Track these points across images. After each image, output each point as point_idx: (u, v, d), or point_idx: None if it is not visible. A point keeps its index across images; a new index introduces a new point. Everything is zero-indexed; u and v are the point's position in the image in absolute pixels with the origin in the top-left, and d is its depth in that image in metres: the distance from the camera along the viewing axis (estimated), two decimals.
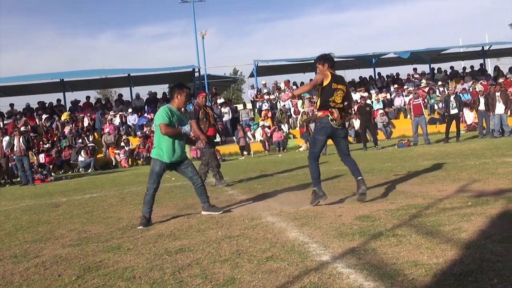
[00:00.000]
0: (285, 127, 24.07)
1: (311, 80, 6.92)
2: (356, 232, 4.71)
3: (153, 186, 6.43)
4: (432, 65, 30.32)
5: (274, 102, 26.25)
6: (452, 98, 16.92)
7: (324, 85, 6.48)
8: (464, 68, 29.70)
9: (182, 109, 6.76)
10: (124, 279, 3.90)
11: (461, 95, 21.37)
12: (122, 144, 22.46)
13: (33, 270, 4.50)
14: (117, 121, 24.87)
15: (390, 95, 26.19)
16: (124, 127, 24.50)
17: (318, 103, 6.64)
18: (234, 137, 23.77)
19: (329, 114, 6.50)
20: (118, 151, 22.31)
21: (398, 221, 5.06)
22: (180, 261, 4.27)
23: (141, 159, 21.84)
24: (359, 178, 6.60)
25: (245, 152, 22.43)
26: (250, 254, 4.29)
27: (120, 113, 25.61)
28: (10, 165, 18.42)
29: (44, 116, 25.28)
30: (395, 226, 4.80)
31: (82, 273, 4.19)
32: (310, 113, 21.22)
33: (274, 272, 3.70)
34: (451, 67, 29.59)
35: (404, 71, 30.25)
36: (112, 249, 5.02)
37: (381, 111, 23.20)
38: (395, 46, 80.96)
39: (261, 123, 23.66)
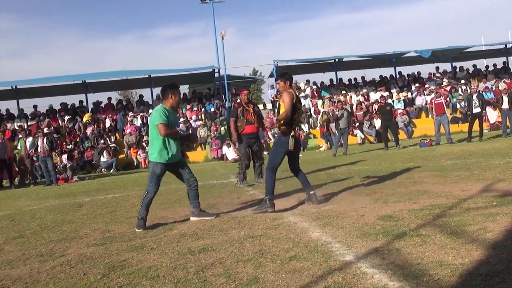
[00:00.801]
0: (305, 127, 23.99)
1: (280, 101, 7.04)
2: (380, 232, 4.68)
3: (154, 189, 6.32)
4: (454, 64, 29.94)
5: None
6: (474, 96, 16.71)
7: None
8: (487, 67, 29.28)
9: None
10: (148, 278, 3.94)
11: (483, 93, 21.05)
12: (143, 144, 22.63)
13: (59, 268, 4.57)
14: (138, 121, 25.08)
15: (411, 94, 25.94)
16: (145, 127, 24.67)
17: (282, 119, 6.76)
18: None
19: (293, 132, 6.79)
20: (139, 151, 22.49)
21: (421, 221, 5.01)
22: (203, 261, 4.29)
23: None
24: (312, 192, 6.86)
25: (265, 152, 22.41)
26: (273, 253, 4.29)
27: (141, 113, 25.80)
28: (34, 165, 18.72)
29: (66, 117, 25.60)
30: (419, 226, 4.76)
31: (107, 272, 4.24)
32: (330, 113, 21.12)
33: (297, 271, 3.70)
34: (474, 65, 29.18)
35: (425, 70, 29.84)
36: (136, 249, 5.07)
37: (400, 110, 22.99)
38: (416, 45, 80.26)
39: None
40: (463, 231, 4.42)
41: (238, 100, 10.72)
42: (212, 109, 25.76)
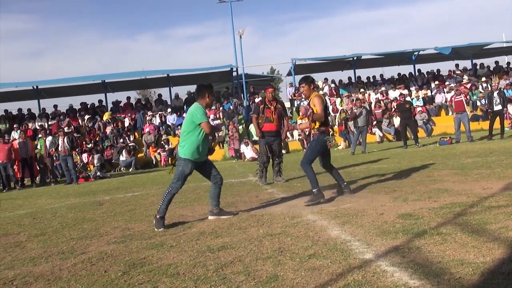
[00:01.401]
0: None
1: (308, 105, 7.24)
2: (399, 230, 4.65)
3: (179, 187, 6.36)
4: (474, 61, 29.59)
5: None
6: (495, 94, 16.47)
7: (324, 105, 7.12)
8: (508, 63, 28.86)
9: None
10: (169, 276, 3.97)
11: (505, 90, 20.76)
12: (162, 143, 22.77)
13: (80, 266, 4.63)
14: (157, 121, 25.24)
15: (431, 92, 25.68)
16: (163, 126, 24.84)
17: (318, 122, 7.13)
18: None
19: (330, 131, 7.27)
20: (158, 150, 22.64)
21: (442, 219, 4.97)
22: (222, 258, 4.31)
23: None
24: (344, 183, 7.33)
25: (283, 151, 22.40)
26: (292, 251, 4.29)
27: (160, 112, 25.97)
28: (54, 164, 18.96)
29: (86, 117, 25.88)
30: (439, 225, 4.72)
31: (127, 269, 4.29)
32: (349, 111, 21.01)
33: (317, 269, 3.70)
34: (496, 62, 28.76)
35: (445, 67, 29.39)
36: (156, 246, 5.11)
37: (419, 108, 22.77)
38: (435, 42, 79.35)
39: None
40: (484, 230, 4.37)
41: (259, 98, 10.79)
42: (230, 108, 25.80)
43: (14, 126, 24.31)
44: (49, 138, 18.21)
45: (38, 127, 24.25)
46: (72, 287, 3.96)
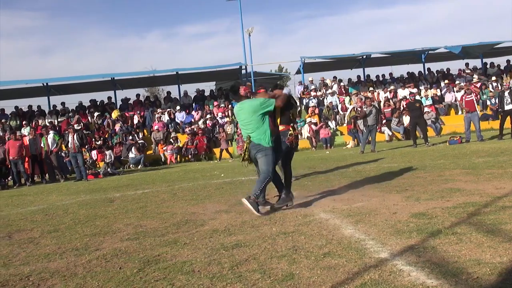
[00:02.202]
0: (332, 124, 23.87)
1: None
2: (413, 229, 4.65)
3: (274, 172, 6.58)
4: (484, 60, 29.43)
5: (321, 99, 26.09)
6: (506, 93, 16.37)
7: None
8: None
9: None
10: (184, 273, 3.99)
11: None
12: (171, 140, 22.82)
13: (95, 262, 4.66)
14: (165, 118, 25.30)
15: (441, 91, 25.57)
16: (172, 124, 24.89)
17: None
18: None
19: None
20: (166, 148, 22.69)
21: (456, 219, 4.96)
22: (237, 256, 4.33)
23: (190, 156, 22.14)
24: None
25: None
26: (306, 250, 4.30)
27: (169, 110, 26.04)
28: (64, 161, 19.05)
29: (96, 114, 25.98)
30: (453, 224, 4.72)
31: (142, 266, 4.31)
32: (358, 109, 20.96)
33: (332, 268, 3.70)
34: (507, 61, 28.56)
35: (455, 66, 29.22)
36: (169, 244, 5.13)
37: (426, 108, 22.66)
38: (445, 41, 78.90)
39: (308, 119, 23.54)
40: (499, 230, 4.36)
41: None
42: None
43: (24, 122, 24.47)
44: (50, 135, 18.21)
45: (48, 124, 24.37)
46: (88, 284, 3.99)
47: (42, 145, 17.91)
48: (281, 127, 7.28)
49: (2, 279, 4.37)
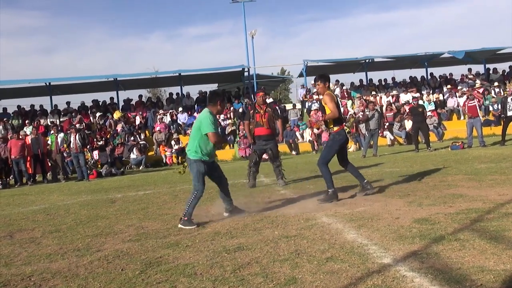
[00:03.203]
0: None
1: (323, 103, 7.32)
2: (416, 235, 4.64)
3: (203, 189, 6.41)
4: (487, 65, 29.40)
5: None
6: (509, 99, 16.32)
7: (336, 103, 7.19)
8: None
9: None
10: (186, 275, 3.98)
11: None
12: (173, 142, 22.82)
13: (96, 263, 4.65)
14: (167, 119, 25.31)
15: (443, 96, 25.57)
16: (174, 125, 24.90)
17: (332, 120, 7.28)
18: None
19: (344, 128, 7.38)
20: (167, 149, 22.70)
21: (459, 225, 4.95)
22: (239, 259, 4.32)
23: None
24: (365, 181, 7.31)
25: (293, 152, 22.44)
26: (309, 254, 4.29)
27: (171, 111, 26.05)
28: (66, 161, 19.06)
29: (98, 114, 25.99)
30: (456, 230, 4.70)
31: (144, 268, 4.30)
32: (360, 114, 20.96)
33: (335, 273, 3.69)
34: (510, 67, 28.50)
35: (457, 71, 29.27)
36: (171, 246, 5.12)
37: (429, 113, 22.62)
38: (448, 46, 78.86)
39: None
40: (503, 237, 4.34)
41: (270, 99, 10.70)
42: (241, 109, 25.81)
43: (26, 122, 24.48)
44: (61, 134, 18.29)
45: (50, 124, 24.38)
46: (90, 285, 3.98)
47: (49, 143, 17.94)
48: (335, 128, 7.34)
49: (3, 279, 4.36)
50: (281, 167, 10.15)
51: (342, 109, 7.25)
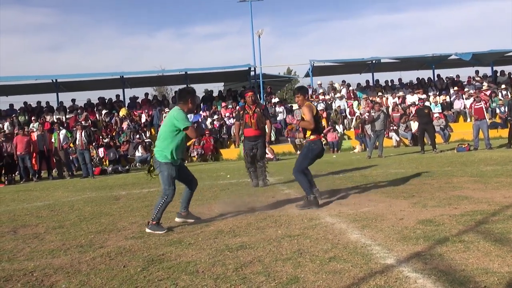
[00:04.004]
0: (339, 128, 23.82)
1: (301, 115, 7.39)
2: (420, 236, 4.61)
3: (173, 193, 6.05)
4: (494, 68, 29.27)
5: (329, 103, 26.05)
6: None
7: (314, 114, 7.22)
8: None
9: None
10: (188, 273, 3.97)
11: None
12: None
13: (99, 260, 4.65)
14: None
15: (450, 98, 25.47)
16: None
17: (309, 131, 7.31)
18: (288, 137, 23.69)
19: (322, 139, 7.53)
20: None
21: (463, 227, 4.91)
22: (241, 258, 4.30)
23: (196, 156, 22.15)
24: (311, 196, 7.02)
25: (298, 152, 22.39)
26: (311, 253, 4.27)
27: None
28: (71, 158, 19.11)
29: (104, 111, 26.05)
30: (461, 232, 4.67)
31: (146, 265, 4.29)
32: (366, 114, 20.90)
33: (338, 273, 3.67)
34: None
35: (464, 73, 29.07)
36: (174, 243, 5.12)
37: (436, 114, 22.53)
38: (455, 48, 78.52)
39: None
40: (508, 239, 4.31)
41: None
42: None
43: (33, 118, 24.55)
44: (63, 131, 18.27)
45: (55, 120, 24.46)
46: (92, 281, 3.97)
47: (53, 140, 17.98)
48: (312, 137, 7.36)
49: (6, 273, 4.37)
50: (264, 168, 10.10)
51: (323, 121, 7.23)
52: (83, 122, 20.72)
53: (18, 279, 4.18)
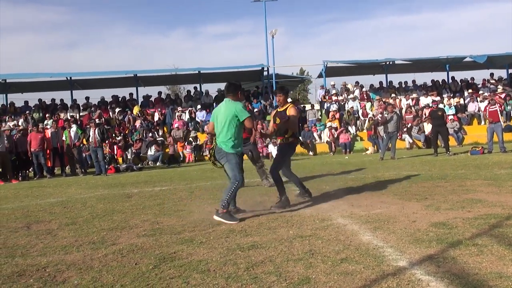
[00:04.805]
0: (352, 129, 23.75)
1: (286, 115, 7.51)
2: (433, 239, 4.57)
3: (243, 177, 6.68)
4: (510, 70, 28.99)
5: (342, 103, 25.97)
6: None
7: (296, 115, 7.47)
8: None
9: None
10: (199, 272, 3.97)
11: None
12: (190, 139, 22.90)
13: (111, 257, 4.67)
14: (186, 116, 25.41)
15: (464, 100, 25.27)
16: (192, 123, 24.97)
17: (290, 132, 7.50)
18: (300, 137, 23.66)
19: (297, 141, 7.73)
20: (186, 146, 22.79)
21: (477, 230, 4.87)
22: (253, 257, 4.30)
23: (208, 155, 22.18)
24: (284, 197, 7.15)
25: (310, 152, 22.35)
26: (323, 254, 4.25)
27: (190, 109, 26.14)
28: (84, 155, 19.24)
29: (117, 110, 26.20)
30: (474, 235, 4.63)
31: (158, 263, 4.30)
32: (379, 116, 20.80)
33: (349, 274, 3.65)
34: None
35: (479, 76, 28.84)
36: (185, 242, 5.12)
37: (451, 116, 22.37)
38: (470, 50, 77.97)
39: (328, 124, 23.45)
40: None
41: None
42: (259, 108, 25.79)
43: (47, 115, 24.77)
44: (73, 128, 18.38)
45: (69, 118, 24.65)
46: (104, 278, 3.99)
47: (64, 138, 18.11)
48: (290, 139, 7.52)
49: (19, 269, 4.41)
50: (264, 168, 10.11)
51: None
52: (96, 120, 20.84)
53: (31, 275, 4.21)
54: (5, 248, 5.37)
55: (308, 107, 27.32)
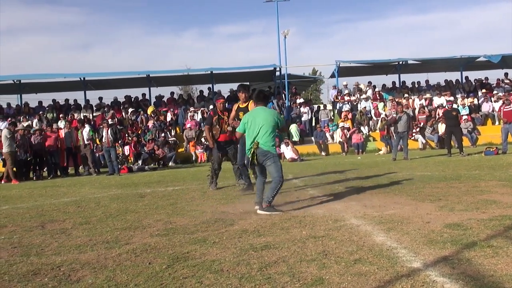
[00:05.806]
0: (365, 129, 23.65)
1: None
2: (447, 240, 4.54)
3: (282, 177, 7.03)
4: None
5: (354, 104, 25.88)
6: None
7: None
8: None
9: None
10: (213, 272, 3.98)
11: None
12: (202, 140, 22.95)
13: (124, 256, 4.69)
14: (198, 116, 25.46)
15: (478, 100, 25.06)
16: (205, 123, 25.00)
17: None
18: (312, 137, 23.64)
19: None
20: (197, 146, 22.84)
21: (492, 231, 4.83)
22: (266, 258, 4.29)
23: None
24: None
25: (322, 153, 22.31)
26: (337, 255, 4.24)
27: (202, 108, 26.19)
28: (97, 155, 19.38)
29: (130, 110, 26.32)
30: (489, 237, 4.59)
31: (171, 263, 4.31)
32: (389, 116, 20.70)
33: (363, 275, 3.64)
34: None
35: (493, 75, 28.58)
36: (198, 241, 5.13)
37: (465, 116, 22.18)
38: (484, 49, 77.33)
39: (340, 124, 23.38)
40: None
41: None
42: (271, 107, 25.75)
43: (61, 116, 24.96)
44: (86, 129, 18.50)
45: (82, 118, 24.81)
46: (118, 277, 4.01)
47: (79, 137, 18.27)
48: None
49: (34, 267, 4.44)
50: (242, 168, 10.08)
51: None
52: (109, 120, 20.96)
53: (46, 273, 4.24)
54: (20, 247, 5.42)
55: (321, 107, 27.26)
